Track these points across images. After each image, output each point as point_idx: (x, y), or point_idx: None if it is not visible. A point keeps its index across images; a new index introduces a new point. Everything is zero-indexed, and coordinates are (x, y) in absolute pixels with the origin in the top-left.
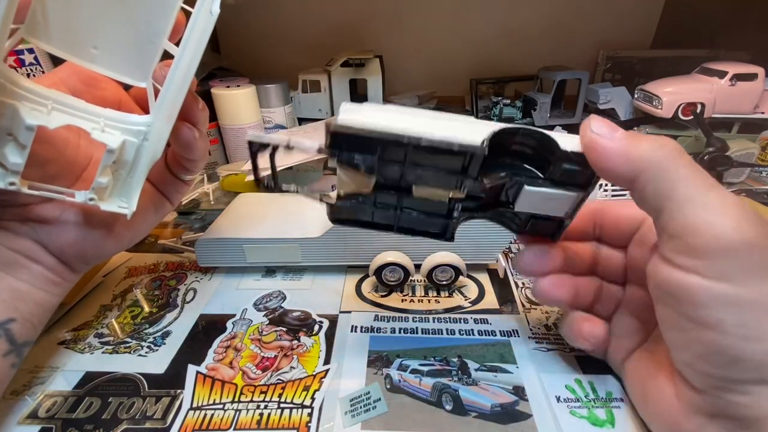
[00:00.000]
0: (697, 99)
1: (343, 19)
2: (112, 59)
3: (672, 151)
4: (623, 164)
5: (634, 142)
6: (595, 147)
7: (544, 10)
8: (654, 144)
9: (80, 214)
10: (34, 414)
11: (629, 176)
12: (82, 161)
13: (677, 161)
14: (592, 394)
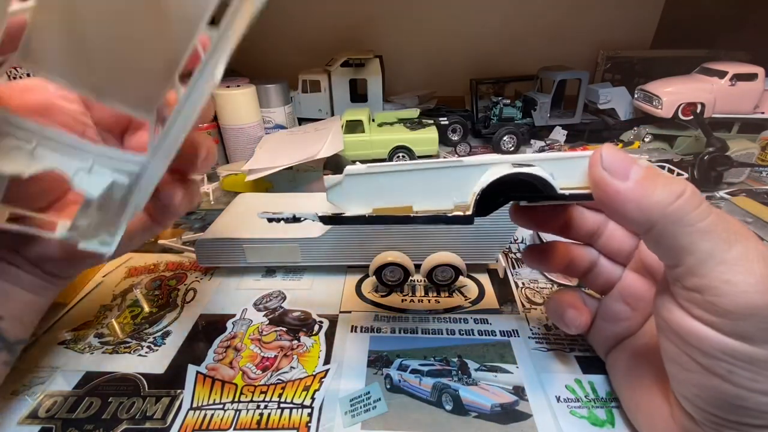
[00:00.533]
0: (697, 99)
1: (343, 19)
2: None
3: (690, 200)
4: (635, 212)
5: (648, 190)
6: (605, 189)
7: (544, 10)
8: (670, 193)
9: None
10: (34, 414)
11: (642, 226)
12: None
13: (696, 213)
14: (592, 394)
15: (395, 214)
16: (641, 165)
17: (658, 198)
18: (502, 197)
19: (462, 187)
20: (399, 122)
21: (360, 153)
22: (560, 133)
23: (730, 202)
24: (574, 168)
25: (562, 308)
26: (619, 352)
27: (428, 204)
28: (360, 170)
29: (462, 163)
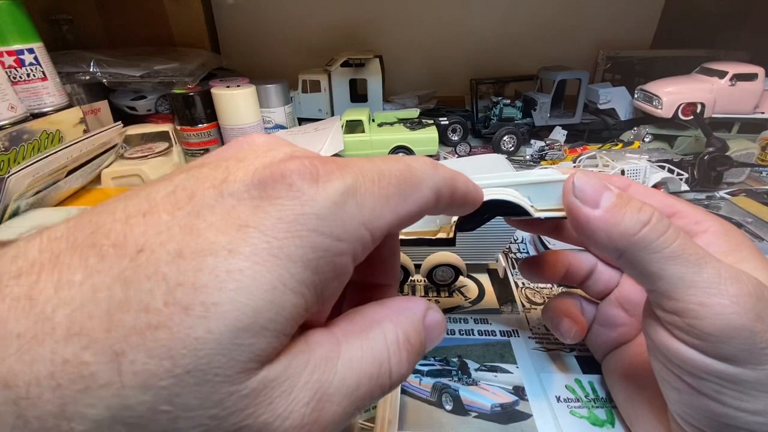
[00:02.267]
0: (697, 99)
1: (343, 19)
2: None
3: (655, 228)
4: (604, 240)
5: (617, 218)
6: (576, 216)
7: (544, 10)
8: (636, 221)
9: None
10: None
11: (611, 253)
12: None
13: (662, 239)
14: (592, 394)
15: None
16: (613, 192)
17: (624, 227)
18: (486, 214)
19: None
20: (399, 122)
21: (360, 153)
22: (560, 133)
23: (730, 202)
24: (551, 192)
25: (558, 317)
26: (616, 357)
27: (415, 227)
28: None
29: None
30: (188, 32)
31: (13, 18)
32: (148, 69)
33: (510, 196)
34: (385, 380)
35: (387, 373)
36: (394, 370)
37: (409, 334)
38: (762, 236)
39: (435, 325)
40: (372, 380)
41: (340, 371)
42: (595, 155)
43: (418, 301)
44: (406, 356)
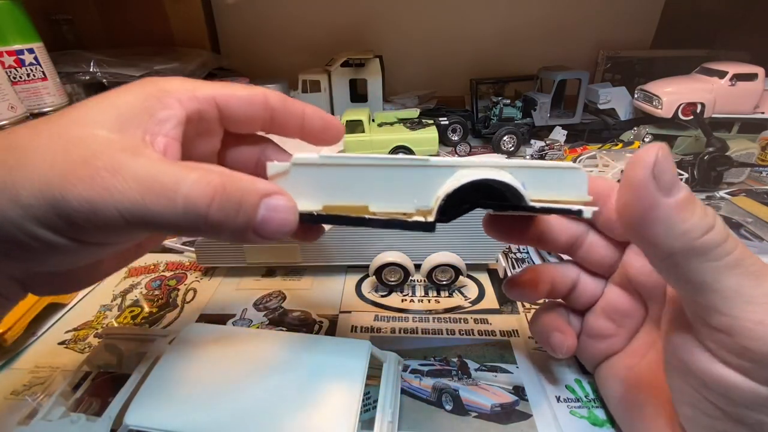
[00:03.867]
0: (697, 99)
1: (343, 19)
2: None
3: (719, 234)
4: (661, 235)
5: (686, 215)
6: (642, 198)
7: (544, 10)
8: (704, 224)
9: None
10: (33, 414)
11: (661, 252)
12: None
13: (723, 247)
14: (592, 394)
15: (348, 213)
16: (684, 184)
17: (690, 226)
18: (468, 204)
19: (425, 189)
20: (399, 122)
21: (360, 153)
22: (560, 133)
23: (730, 202)
24: (548, 179)
25: (546, 332)
26: (608, 370)
27: (387, 205)
28: (311, 159)
29: (428, 162)
30: (188, 32)
31: (13, 18)
32: (148, 69)
33: (498, 175)
34: (178, 196)
35: (184, 192)
36: (191, 189)
37: (226, 185)
38: (762, 236)
39: (279, 208)
40: (163, 186)
41: (141, 161)
42: (595, 155)
43: (269, 183)
44: (211, 187)
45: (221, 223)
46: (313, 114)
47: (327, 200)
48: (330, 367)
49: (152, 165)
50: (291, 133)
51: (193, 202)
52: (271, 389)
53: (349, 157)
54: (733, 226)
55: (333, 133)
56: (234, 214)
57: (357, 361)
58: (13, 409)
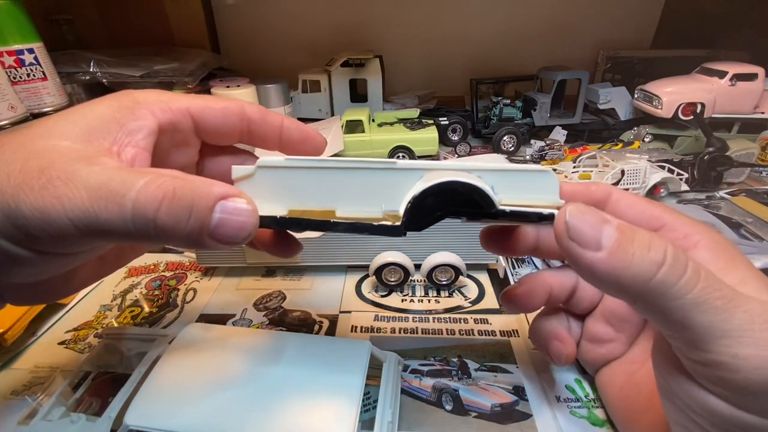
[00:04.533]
0: (697, 99)
1: (343, 19)
2: None
3: (672, 269)
4: (614, 286)
5: (624, 261)
6: (576, 261)
7: (543, 10)
8: (650, 263)
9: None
10: (33, 414)
11: (625, 299)
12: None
13: (683, 282)
14: (592, 394)
15: (314, 218)
16: (613, 225)
17: (636, 270)
18: (439, 211)
19: (393, 193)
20: (399, 122)
21: (360, 153)
22: (560, 133)
23: (730, 202)
24: (518, 182)
25: (546, 340)
26: (609, 376)
27: (354, 209)
28: (275, 162)
29: (395, 165)
30: (188, 32)
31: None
32: (148, 69)
33: (466, 178)
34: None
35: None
36: (140, 197)
37: (177, 188)
38: (762, 236)
39: (236, 211)
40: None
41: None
42: (595, 155)
43: (227, 185)
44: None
45: (172, 228)
46: (291, 126)
47: (293, 204)
48: (330, 367)
49: (104, 172)
50: (269, 145)
51: (141, 206)
52: (271, 389)
53: (315, 160)
54: (733, 226)
55: (312, 144)
56: (185, 218)
57: (357, 361)
58: (13, 409)
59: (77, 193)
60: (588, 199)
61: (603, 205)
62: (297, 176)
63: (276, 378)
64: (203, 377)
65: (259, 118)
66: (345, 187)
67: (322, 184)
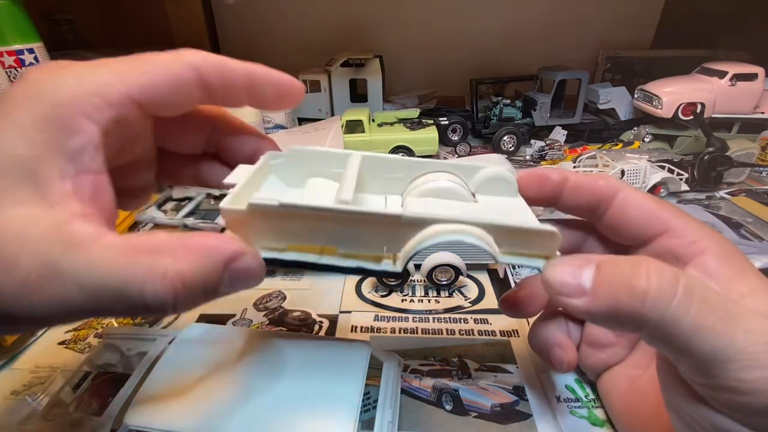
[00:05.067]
0: (697, 99)
1: (343, 19)
2: None
3: (660, 296)
4: (609, 324)
5: (609, 300)
6: (568, 309)
7: (544, 10)
8: (634, 295)
9: None
10: (33, 414)
11: (629, 330)
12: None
13: (675, 307)
14: (592, 394)
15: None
16: (591, 266)
17: (623, 306)
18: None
19: (397, 239)
20: (399, 122)
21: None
22: (560, 133)
23: (730, 202)
24: (522, 237)
25: (546, 347)
26: (611, 382)
27: (356, 247)
28: (268, 206)
29: (400, 218)
30: (188, 32)
31: (13, 18)
32: None
33: (469, 237)
34: (134, 299)
35: (138, 294)
36: (149, 293)
37: (184, 273)
38: (762, 236)
39: (244, 272)
40: (114, 292)
41: (80, 261)
42: (595, 155)
43: (229, 243)
44: (170, 287)
45: (188, 306)
46: (264, 80)
47: (292, 240)
48: (330, 367)
49: (92, 268)
50: (237, 104)
51: (152, 304)
52: (271, 389)
53: (312, 207)
54: (733, 226)
55: (290, 95)
56: (200, 294)
57: (357, 361)
58: (13, 409)
59: (68, 292)
60: (593, 195)
61: (608, 203)
62: (293, 219)
63: (276, 378)
64: (203, 377)
65: (220, 80)
66: (346, 231)
67: (321, 227)
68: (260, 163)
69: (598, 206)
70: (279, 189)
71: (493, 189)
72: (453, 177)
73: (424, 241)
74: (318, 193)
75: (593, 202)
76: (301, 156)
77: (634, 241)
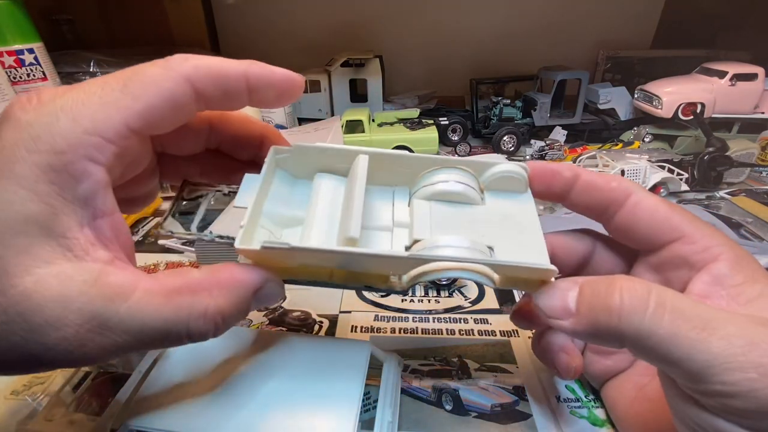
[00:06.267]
0: (697, 99)
1: (343, 19)
2: None
3: (632, 310)
4: (599, 340)
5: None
6: (559, 330)
7: (544, 10)
8: (609, 311)
9: None
10: (33, 414)
11: (615, 346)
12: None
13: (648, 318)
14: (592, 394)
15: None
16: (574, 288)
17: (602, 323)
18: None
19: (402, 269)
20: (399, 122)
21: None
22: (560, 133)
23: (730, 202)
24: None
25: (551, 353)
26: (617, 390)
27: (364, 271)
28: (280, 247)
29: (403, 256)
30: (188, 32)
31: (13, 18)
32: None
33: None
34: (180, 336)
35: (184, 331)
36: (193, 330)
37: (223, 308)
38: (762, 236)
39: (269, 296)
40: (161, 333)
41: (125, 311)
42: (595, 155)
43: (252, 273)
44: (212, 322)
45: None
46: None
47: (304, 264)
48: (330, 367)
49: (139, 315)
50: (237, 107)
51: (197, 337)
52: (271, 389)
53: (319, 250)
54: (733, 226)
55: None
56: (237, 320)
57: (357, 361)
58: (13, 409)
59: (119, 339)
60: (604, 196)
61: (619, 205)
62: (303, 256)
63: (276, 378)
64: (203, 377)
65: (217, 90)
66: (354, 261)
67: (331, 258)
68: (265, 169)
69: (608, 207)
70: (286, 190)
71: (503, 185)
72: (463, 176)
73: (429, 273)
74: (326, 199)
75: (603, 202)
76: (306, 152)
77: (645, 246)
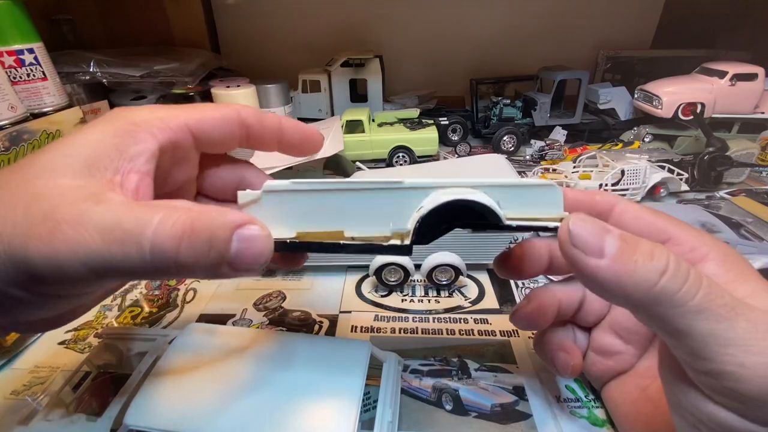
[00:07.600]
0: (697, 99)
1: (343, 19)
2: None
3: (675, 277)
4: (617, 293)
5: (627, 268)
6: (579, 269)
7: (544, 10)
8: (653, 270)
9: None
10: (33, 414)
11: (627, 306)
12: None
13: (685, 290)
14: (592, 394)
15: (323, 240)
16: (615, 234)
17: (639, 278)
18: (445, 224)
19: (401, 211)
20: (399, 122)
21: (360, 153)
22: (560, 133)
23: (730, 202)
24: (523, 196)
25: (551, 352)
26: (618, 390)
27: (362, 229)
28: (281, 186)
29: (401, 184)
30: (188, 32)
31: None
32: (148, 69)
33: (472, 195)
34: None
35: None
36: (158, 235)
37: (194, 222)
38: (762, 236)
39: (253, 239)
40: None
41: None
42: (595, 155)
43: (236, 212)
44: (179, 233)
45: (193, 264)
46: (291, 128)
47: (301, 227)
48: (330, 367)
49: (114, 211)
50: (268, 147)
51: (160, 246)
52: (271, 389)
53: (320, 183)
54: (733, 226)
55: (311, 143)
56: (206, 251)
57: (357, 361)
58: (13, 409)
59: (89, 237)
60: (591, 210)
61: (606, 216)
62: (304, 199)
63: (276, 378)
64: (203, 377)
65: (257, 122)
66: (352, 208)
67: (329, 206)
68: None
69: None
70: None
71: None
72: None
73: (428, 205)
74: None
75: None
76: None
77: None
